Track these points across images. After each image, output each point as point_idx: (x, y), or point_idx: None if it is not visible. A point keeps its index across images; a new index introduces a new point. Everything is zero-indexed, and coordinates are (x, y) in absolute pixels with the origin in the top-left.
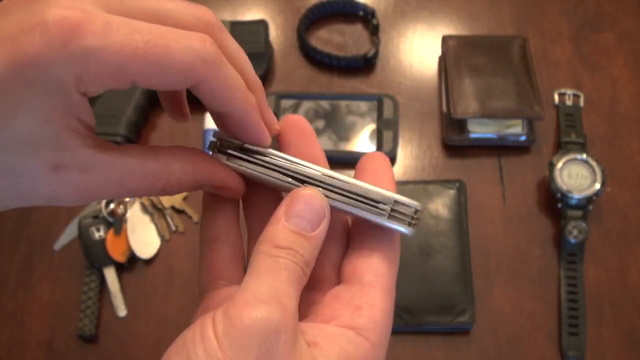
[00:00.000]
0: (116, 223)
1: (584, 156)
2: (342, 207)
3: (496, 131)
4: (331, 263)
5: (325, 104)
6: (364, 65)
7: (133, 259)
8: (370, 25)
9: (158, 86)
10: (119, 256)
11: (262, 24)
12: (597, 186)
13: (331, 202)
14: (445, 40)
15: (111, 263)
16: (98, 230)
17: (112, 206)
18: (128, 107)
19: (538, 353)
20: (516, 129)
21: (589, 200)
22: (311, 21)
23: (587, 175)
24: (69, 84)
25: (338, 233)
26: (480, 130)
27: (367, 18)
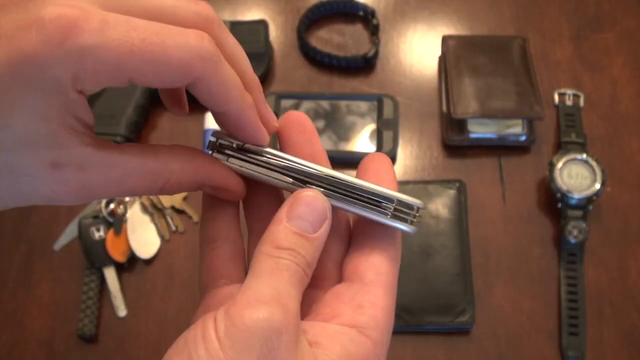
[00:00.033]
0: (116, 223)
1: (584, 156)
2: (345, 207)
3: (496, 131)
4: (333, 261)
5: (325, 104)
6: (364, 65)
7: (133, 259)
8: (370, 25)
9: (155, 84)
10: (119, 256)
11: (262, 24)
12: (597, 186)
13: (333, 202)
14: (445, 40)
15: (111, 263)
16: (98, 230)
17: (112, 206)
18: (128, 107)
19: (538, 353)
20: (516, 129)
21: (589, 200)
22: (311, 21)
23: (587, 175)
24: (66, 82)
25: (340, 231)
26: (480, 130)
27: (367, 18)
